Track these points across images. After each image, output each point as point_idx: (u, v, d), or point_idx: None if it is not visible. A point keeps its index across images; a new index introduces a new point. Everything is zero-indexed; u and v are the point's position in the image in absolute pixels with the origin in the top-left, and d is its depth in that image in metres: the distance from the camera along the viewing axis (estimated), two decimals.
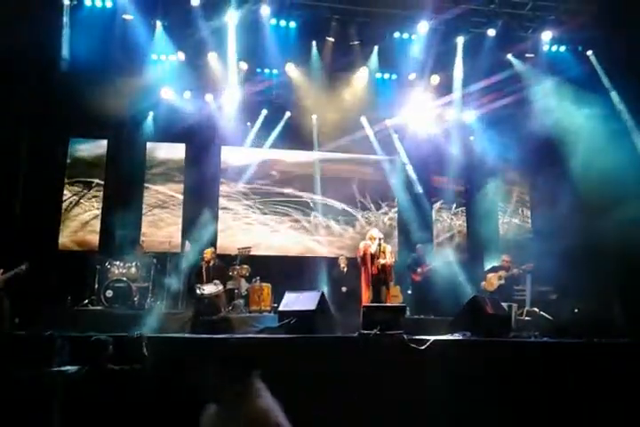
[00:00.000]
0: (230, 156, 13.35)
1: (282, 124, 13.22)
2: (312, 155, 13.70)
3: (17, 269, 8.45)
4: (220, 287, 9.56)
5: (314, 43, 11.63)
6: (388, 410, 6.04)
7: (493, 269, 10.79)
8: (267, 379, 5.90)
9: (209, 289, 9.32)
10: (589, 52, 11.73)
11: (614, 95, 11.49)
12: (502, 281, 10.32)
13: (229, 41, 11.22)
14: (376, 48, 11.90)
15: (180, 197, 12.81)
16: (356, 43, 11.53)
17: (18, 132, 10.92)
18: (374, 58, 12.03)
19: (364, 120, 13.53)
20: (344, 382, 6.08)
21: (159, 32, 11.13)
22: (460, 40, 11.64)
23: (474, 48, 11.72)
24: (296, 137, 13.32)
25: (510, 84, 12.20)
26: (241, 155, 13.40)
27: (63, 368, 5.37)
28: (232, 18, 10.89)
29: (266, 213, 13.30)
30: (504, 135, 13.01)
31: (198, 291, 9.24)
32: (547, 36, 11.48)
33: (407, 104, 12.99)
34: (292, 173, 13.66)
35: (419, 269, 11.64)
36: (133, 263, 10.48)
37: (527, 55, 11.91)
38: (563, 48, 11.87)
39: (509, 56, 11.99)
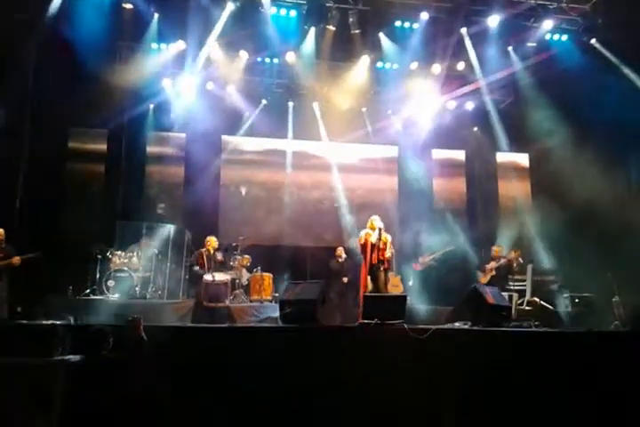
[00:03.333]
0: (231, 144, 13.35)
1: (286, 113, 13.25)
2: (314, 143, 13.70)
3: (34, 253, 8.48)
4: (229, 277, 9.63)
5: (314, 31, 11.55)
6: (389, 400, 6.07)
7: (485, 261, 10.74)
8: (267, 368, 5.99)
9: (219, 276, 9.39)
10: (593, 41, 11.63)
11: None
12: (494, 272, 10.34)
13: (229, 30, 11.18)
14: (377, 37, 11.81)
15: (182, 185, 12.79)
16: (357, 31, 11.46)
17: (18, 123, 10.88)
18: (375, 47, 11.95)
19: (364, 109, 13.52)
20: (344, 372, 6.11)
21: (159, 21, 11.10)
22: (464, 30, 11.56)
23: (475, 37, 11.66)
24: (297, 126, 13.32)
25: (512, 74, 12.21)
26: (242, 144, 13.39)
27: (65, 358, 5.40)
28: (232, 6, 10.83)
29: (268, 201, 13.30)
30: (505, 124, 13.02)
31: (209, 277, 9.26)
32: (548, 25, 11.39)
33: (409, 93, 12.96)
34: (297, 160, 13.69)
35: (420, 259, 11.66)
36: (135, 253, 10.51)
37: (529, 44, 11.85)
38: (565, 37, 11.78)
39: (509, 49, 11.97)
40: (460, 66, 12.39)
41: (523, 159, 14.03)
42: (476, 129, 13.71)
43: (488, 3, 11.14)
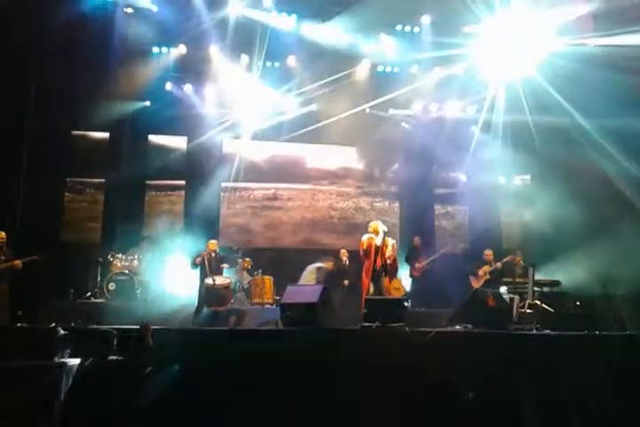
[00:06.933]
0: (232, 148, 13.36)
1: (288, 116, 13.19)
2: (315, 147, 13.74)
3: (35, 256, 8.43)
4: (230, 280, 9.60)
5: (314, 35, 11.56)
6: (390, 402, 6.07)
7: (477, 265, 10.69)
8: (268, 372, 5.99)
9: (220, 280, 9.32)
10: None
11: None
12: (488, 276, 10.32)
13: (230, 33, 11.22)
14: (378, 40, 11.83)
15: (182, 189, 12.81)
16: (358, 35, 11.48)
17: (19, 126, 10.92)
18: (376, 50, 11.97)
19: (367, 111, 13.52)
20: (346, 375, 6.10)
21: (160, 25, 11.11)
22: (466, 29, 11.52)
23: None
24: (300, 129, 13.35)
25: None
26: (243, 147, 13.40)
27: (66, 360, 5.41)
28: (234, 10, 10.87)
29: (268, 205, 13.33)
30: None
31: (210, 281, 9.18)
32: None
33: (409, 97, 12.99)
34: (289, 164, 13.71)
35: (417, 265, 11.52)
36: (136, 256, 10.52)
37: None
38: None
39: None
40: (460, 69, 12.37)
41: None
42: (473, 129, 13.62)
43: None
